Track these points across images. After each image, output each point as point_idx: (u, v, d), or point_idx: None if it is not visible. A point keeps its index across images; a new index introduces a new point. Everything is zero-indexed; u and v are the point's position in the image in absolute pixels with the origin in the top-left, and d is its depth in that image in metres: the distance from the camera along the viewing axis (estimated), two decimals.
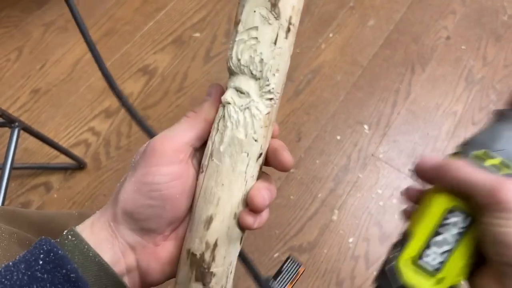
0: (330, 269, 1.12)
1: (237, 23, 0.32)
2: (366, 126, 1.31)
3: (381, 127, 1.32)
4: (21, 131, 1.02)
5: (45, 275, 0.28)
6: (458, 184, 0.29)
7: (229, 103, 0.33)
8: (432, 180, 0.33)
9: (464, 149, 0.32)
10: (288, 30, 0.32)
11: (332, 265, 1.13)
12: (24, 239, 0.44)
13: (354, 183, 1.23)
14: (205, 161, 0.34)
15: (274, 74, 0.32)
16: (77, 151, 1.27)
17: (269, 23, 0.32)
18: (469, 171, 0.29)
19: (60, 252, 0.29)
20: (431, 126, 1.32)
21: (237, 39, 0.32)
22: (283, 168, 0.34)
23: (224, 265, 0.34)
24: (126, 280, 0.33)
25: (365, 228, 1.16)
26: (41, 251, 0.29)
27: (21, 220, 0.53)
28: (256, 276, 0.41)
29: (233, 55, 0.32)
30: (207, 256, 0.33)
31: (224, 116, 0.33)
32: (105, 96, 1.37)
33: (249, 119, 0.32)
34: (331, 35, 1.48)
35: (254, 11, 0.31)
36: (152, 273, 0.34)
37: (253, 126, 0.32)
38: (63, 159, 1.23)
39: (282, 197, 1.20)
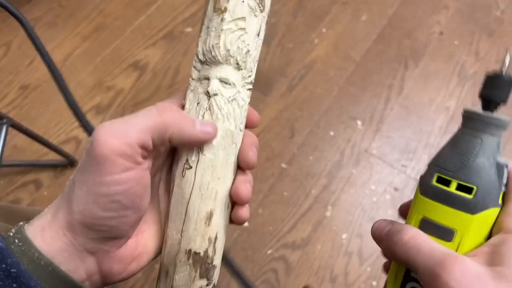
0: (324, 266, 1.12)
1: (221, 10, 0.31)
2: (359, 122, 1.31)
3: (374, 122, 1.31)
4: (10, 128, 1.00)
5: None
6: (402, 260, 0.29)
7: (216, 95, 0.32)
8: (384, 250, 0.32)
9: (430, 171, 0.32)
10: (266, 23, 0.33)
11: (325, 262, 1.12)
12: None
13: (347, 179, 1.22)
14: (191, 157, 0.32)
15: (254, 65, 0.33)
16: (68, 148, 1.25)
17: (255, 15, 0.32)
18: (414, 246, 0.28)
19: (0, 244, 0.26)
20: (424, 121, 1.32)
21: (224, 27, 0.31)
22: (247, 166, 0.34)
23: (221, 254, 0.34)
24: (87, 285, 0.31)
25: (359, 224, 1.16)
26: None
27: (16, 216, 0.52)
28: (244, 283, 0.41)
29: (221, 44, 0.31)
30: (210, 252, 0.33)
31: (211, 108, 0.32)
32: (95, 92, 1.35)
33: (237, 110, 0.32)
34: (324, 30, 1.47)
35: (243, 1, 0.31)
36: (115, 274, 0.32)
37: (240, 116, 0.33)
38: (53, 156, 1.21)
39: (275, 193, 1.20)
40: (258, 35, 0.32)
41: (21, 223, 0.29)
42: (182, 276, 0.33)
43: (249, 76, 0.33)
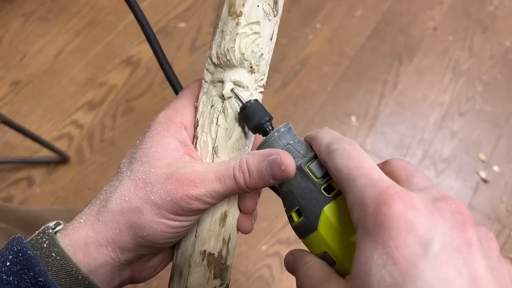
0: None
1: (237, 14, 0.31)
2: (353, 118, 1.31)
3: (368, 118, 1.31)
4: (2, 125, 0.99)
5: (11, 278, 0.26)
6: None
7: (231, 97, 0.32)
8: None
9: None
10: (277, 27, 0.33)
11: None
12: (12, 234, 0.43)
13: None
14: (205, 159, 0.33)
15: (267, 68, 0.33)
16: (60, 145, 1.24)
17: (269, 19, 0.32)
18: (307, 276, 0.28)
19: (29, 252, 0.27)
20: (418, 117, 1.33)
21: (239, 31, 0.31)
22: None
23: (233, 254, 0.35)
24: None
25: None
26: (11, 251, 0.27)
27: (9, 215, 0.52)
28: None
29: (236, 48, 0.31)
30: (224, 252, 0.33)
31: (225, 111, 0.32)
32: (88, 88, 1.34)
33: None
34: (318, 25, 1.46)
35: (258, 6, 0.31)
36: (144, 277, 0.34)
37: None
38: (45, 153, 1.20)
39: (270, 189, 1.19)
40: (271, 39, 0.33)
41: (50, 230, 0.29)
42: (196, 277, 0.33)
43: (262, 79, 0.33)
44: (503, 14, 1.50)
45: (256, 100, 0.32)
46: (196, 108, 0.34)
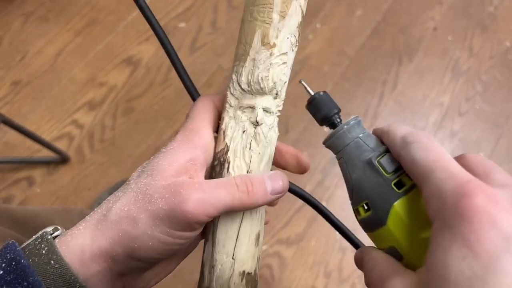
0: (318, 261, 1.12)
1: (270, 45, 0.33)
2: None
3: (368, 118, 1.31)
4: (2, 125, 1.00)
5: (5, 287, 0.25)
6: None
7: (263, 124, 0.34)
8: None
9: (353, 209, 0.32)
10: None
11: (320, 257, 1.13)
12: (6, 235, 0.43)
13: (341, 175, 1.22)
14: None
15: (284, 93, 0.36)
16: (60, 145, 1.24)
17: (293, 50, 0.34)
18: (370, 268, 0.28)
19: (23, 261, 0.26)
20: (418, 117, 1.33)
21: (273, 62, 0.33)
22: None
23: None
24: None
25: (353, 220, 1.16)
26: (4, 259, 0.26)
27: (3, 216, 0.51)
28: None
29: (270, 77, 0.33)
30: (257, 269, 0.35)
31: (256, 137, 0.34)
32: (88, 88, 1.34)
33: (274, 135, 0.35)
34: (318, 25, 1.46)
35: (287, 38, 0.33)
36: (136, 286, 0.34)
37: (275, 141, 0.35)
38: (45, 153, 1.20)
39: None
40: (292, 67, 0.35)
41: (49, 236, 0.29)
42: None
43: (281, 104, 0.36)
44: (503, 14, 1.50)
45: (325, 92, 0.34)
46: (221, 131, 0.34)
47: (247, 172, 0.33)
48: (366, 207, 0.29)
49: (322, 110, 0.33)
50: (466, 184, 0.22)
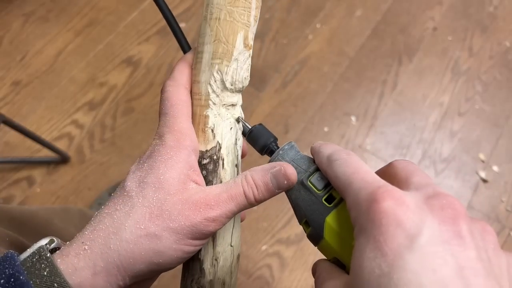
0: None
1: (249, 47, 0.35)
2: (353, 118, 1.31)
3: (368, 118, 1.31)
4: (2, 125, 1.00)
5: None
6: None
7: (243, 118, 0.36)
8: None
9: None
10: None
11: (320, 257, 1.12)
12: (4, 236, 0.42)
13: None
14: (230, 177, 0.36)
15: None
16: (60, 145, 1.24)
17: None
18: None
19: (21, 278, 0.25)
20: (418, 117, 1.33)
21: (249, 62, 0.35)
22: None
23: None
24: None
25: None
26: (3, 275, 0.25)
27: (1, 216, 0.51)
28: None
29: (249, 77, 0.36)
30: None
31: (239, 131, 0.36)
32: (88, 88, 1.34)
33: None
34: (318, 25, 1.47)
35: (252, 38, 0.36)
36: None
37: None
38: (46, 153, 1.20)
39: None
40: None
41: (48, 254, 0.28)
42: (235, 278, 0.37)
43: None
44: (502, 14, 1.50)
45: (260, 124, 0.36)
46: (207, 129, 0.35)
47: (236, 166, 0.36)
48: (307, 224, 0.32)
49: (260, 141, 0.35)
50: (376, 191, 0.24)
